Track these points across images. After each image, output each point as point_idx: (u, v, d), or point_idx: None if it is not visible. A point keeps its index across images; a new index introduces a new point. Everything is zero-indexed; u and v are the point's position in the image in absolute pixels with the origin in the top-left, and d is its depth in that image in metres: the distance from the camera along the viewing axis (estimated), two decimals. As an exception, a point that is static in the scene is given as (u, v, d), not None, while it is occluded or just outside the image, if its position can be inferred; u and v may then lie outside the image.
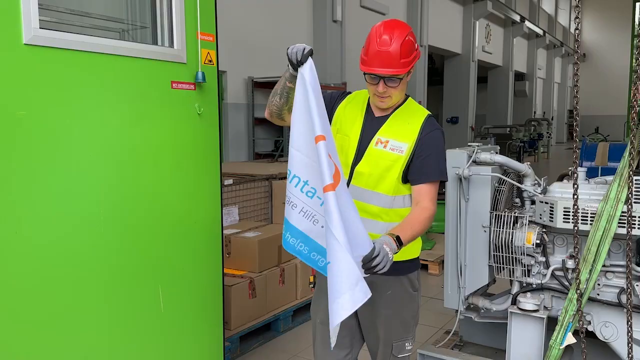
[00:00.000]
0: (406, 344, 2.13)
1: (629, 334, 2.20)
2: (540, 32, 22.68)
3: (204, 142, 2.35)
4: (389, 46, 1.90)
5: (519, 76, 23.15)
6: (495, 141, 17.42)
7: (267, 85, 8.77)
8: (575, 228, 2.14)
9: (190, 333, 2.40)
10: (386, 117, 2.07)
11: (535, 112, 23.14)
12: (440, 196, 2.30)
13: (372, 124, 2.06)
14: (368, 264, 1.68)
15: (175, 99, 2.20)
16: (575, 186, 2.14)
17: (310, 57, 1.82)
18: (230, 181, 4.50)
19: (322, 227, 1.73)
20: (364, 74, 1.97)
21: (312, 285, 2.20)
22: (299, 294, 4.15)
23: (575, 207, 2.12)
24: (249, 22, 8.67)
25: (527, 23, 20.99)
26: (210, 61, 2.30)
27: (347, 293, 1.57)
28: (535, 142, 18.55)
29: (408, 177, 2.02)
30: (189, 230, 2.33)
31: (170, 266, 2.26)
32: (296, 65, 1.82)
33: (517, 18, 20.07)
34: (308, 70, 1.80)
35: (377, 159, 2.02)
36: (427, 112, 2.10)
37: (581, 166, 4.42)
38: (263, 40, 8.94)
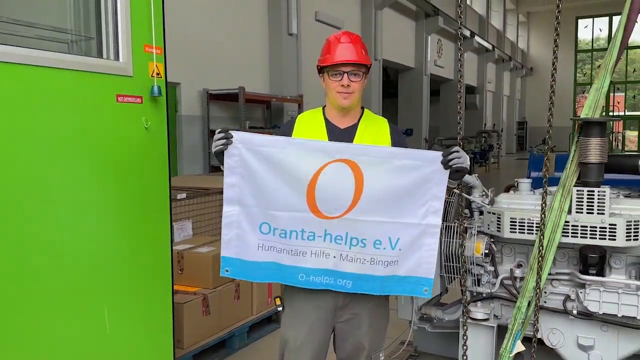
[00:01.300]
0: (380, 355, 2.19)
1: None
2: (489, 46, 23.50)
3: (152, 156, 2.30)
4: (351, 42, 2.06)
5: (470, 89, 23.87)
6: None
7: (222, 98, 8.70)
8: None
9: (139, 354, 2.32)
10: (354, 126, 2.14)
11: (485, 124, 23.87)
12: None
13: (342, 136, 2.10)
14: (445, 158, 1.92)
15: (121, 113, 2.15)
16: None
17: (231, 140, 1.92)
18: (183, 195, 4.42)
19: (334, 257, 1.99)
20: (327, 72, 2.07)
21: (280, 309, 2.18)
22: (254, 310, 4.09)
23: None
24: (204, 33, 8.60)
25: (477, 38, 21.72)
26: (158, 74, 2.26)
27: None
28: (486, 153, 19.13)
29: None
30: (136, 247, 2.27)
31: (116, 285, 2.19)
32: (222, 157, 1.94)
33: (468, 33, 20.73)
34: (243, 150, 1.94)
35: None
36: (386, 119, 2.25)
37: (529, 177, 4.59)
38: (218, 53, 8.89)
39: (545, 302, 2.64)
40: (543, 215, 2.36)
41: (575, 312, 2.53)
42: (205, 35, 8.62)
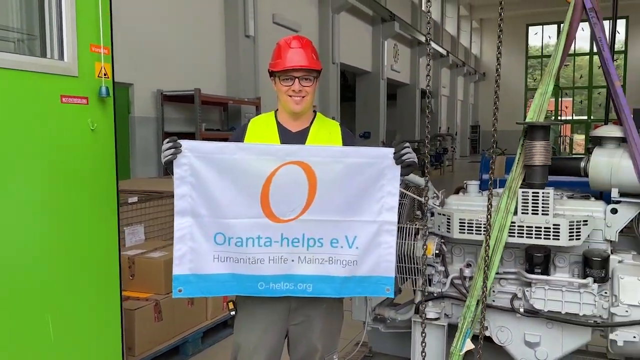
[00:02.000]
0: (334, 356, 2.19)
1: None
2: (444, 52, 24.01)
3: (99, 158, 2.23)
4: (301, 47, 2.07)
5: (425, 93, 24.33)
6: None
7: (177, 99, 8.55)
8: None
9: (86, 363, 2.25)
10: (306, 129, 2.16)
11: (440, 128, 24.37)
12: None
13: (294, 139, 2.11)
14: (398, 153, 1.96)
15: (65, 114, 2.08)
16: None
17: (180, 149, 1.90)
18: (134, 199, 4.31)
19: (293, 260, 1.99)
20: (278, 77, 2.08)
21: (233, 313, 2.15)
22: (209, 315, 4.03)
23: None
24: (159, 34, 8.43)
25: (431, 43, 22.14)
26: (105, 74, 2.20)
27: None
28: (441, 156, 19.53)
29: None
30: (82, 253, 2.19)
31: (61, 292, 2.11)
32: (172, 167, 1.92)
33: (423, 39, 21.13)
34: (192, 158, 1.91)
35: None
36: (337, 122, 2.28)
37: (481, 179, 4.71)
38: (173, 53, 8.73)
39: (493, 300, 2.71)
40: (488, 216, 2.43)
41: (522, 310, 2.61)
42: (160, 35, 8.46)
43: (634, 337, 2.41)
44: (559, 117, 26.53)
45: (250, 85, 10.37)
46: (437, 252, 2.76)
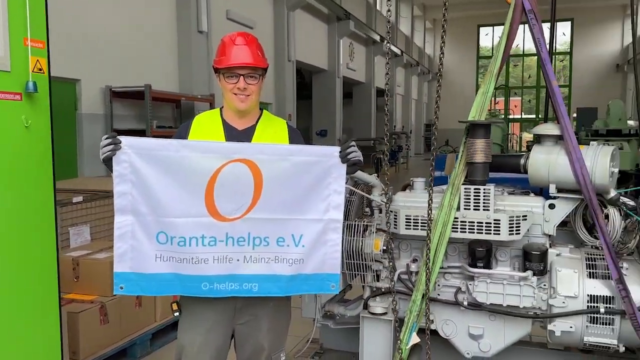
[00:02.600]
0: (281, 355, 2.18)
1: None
2: (398, 51, 24.35)
3: (34, 157, 2.14)
4: (246, 44, 2.04)
5: (381, 92, 24.62)
6: (361, 153, 18.29)
7: (127, 96, 8.33)
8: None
9: (22, 369, 2.16)
10: (252, 127, 2.13)
11: (395, 126, 24.72)
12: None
13: (240, 137, 2.08)
14: (344, 152, 1.98)
15: (-4, 110, 1.98)
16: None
17: (119, 145, 1.87)
18: (79, 198, 4.18)
19: (238, 260, 1.97)
20: (222, 74, 2.04)
21: (177, 314, 2.11)
22: (158, 316, 3.95)
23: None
24: (107, 28, 8.18)
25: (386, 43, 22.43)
26: (40, 69, 2.11)
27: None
28: (395, 153, 19.84)
29: None
30: (19, 255, 2.10)
31: (-7, 297, 2.01)
32: (111, 164, 1.88)
33: (378, 38, 21.37)
34: (133, 155, 1.87)
35: None
36: (284, 120, 2.27)
37: (432, 175, 4.79)
38: (123, 48, 8.49)
39: (438, 294, 2.77)
40: (430, 212, 2.48)
41: (465, 303, 2.68)
42: (109, 29, 8.21)
43: (571, 327, 2.52)
44: (509, 116, 27.40)
45: (204, 82, 10.22)
46: (384, 248, 2.80)
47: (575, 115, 16.94)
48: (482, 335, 2.72)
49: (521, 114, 31.70)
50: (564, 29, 31.30)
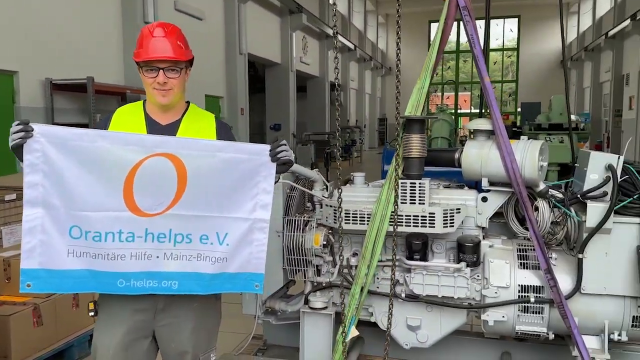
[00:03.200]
0: (211, 355, 2.12)
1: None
2: (352, 46, 24.48)
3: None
4: (165, 35, 1.96)
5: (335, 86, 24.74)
6: (315, 147, 18.40)
7: (68, 88, 8.02)
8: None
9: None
10: (177, 122, 2.06)
11: (348, 120, 24.89)
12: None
13: (163, 133, 2.00)
14: (274, 151, 1.93)
15: None
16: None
17: (31, 133, 1.77)
18: (13, 196, 3.99)
19: (158, 257, 1.91)
20: (141, 67, 1.96)
21: (93, 314, 2.03)
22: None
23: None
24: (48, 19, 7.84)
25: (339, 37, 22.50)
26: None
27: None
28: (349, 147, 19.97)
29: None
30: None
31: None
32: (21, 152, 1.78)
33: (331, 32, 21.40)
34: (46, 144, 1.79)
35: None
36: (213, 114, 2.18)
37: (383, 169, 4.84)
38: (64, 40, 8.15)
39: (377, 287, 2.81)
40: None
41: (403, 295, 2.73)
42: (49, 20, 7.87)
43: (503, 316, 2.60)
44: (458, 110, 28.08)
45: (151, 75, 9.96)
46: (324, 243, 2.81)
47: (519, 109, 17.48)
48: (420, 327, 2.77)
49: (470, 109, 32.50)
50: (511, 26, 32.29)
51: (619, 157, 2.44)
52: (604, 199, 2.42)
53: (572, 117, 10.95)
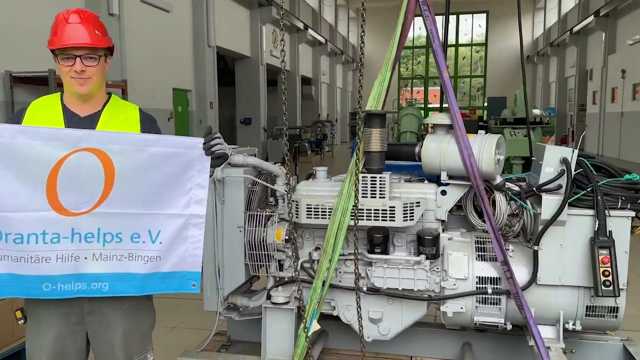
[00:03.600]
0: (148, 356, 2.07)
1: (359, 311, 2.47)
2: (322, 40, 24.44)
3: None
4: (81, 21, 1.88)
5: (306, 80, 24.65)
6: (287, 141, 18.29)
7: (30, 81, 7.81)
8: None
9: None
10: (97, 113, 1.97)
11: (320, 115, 24.88)
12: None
13: (82, 125, 1.92)
14: (208, 144, 1.87)
15: None
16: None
17: None
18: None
19: (86, 258, 1.83)
20: (57, 56, 1.88)
21: (22, 322, 1.96)
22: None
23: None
24: (8, 11, 7.60)
25: (310, 31, 22.45)
26: None
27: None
28: (320, 141, 19.99)
29: None
30: None
31: None
32: None
33: (301, 25, 21.33)
34: None
35: None
36: (137, 106, 2.11)
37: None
38: (24, 31, 7.91)
39: (340, 281, 2.82)
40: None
41: (365, 288, 2.74)
42: (8, 11, 7.63)
43: (462, 308, 2.64)
44: (428, 105, 28.39)
45: (115, 67, 9.74)
46: (286, 237, 2.80)
47: (486, 104, 17.76)
48: (381, 319, 2.79)
49: (440, 103, 32.88)
50: (480, 21, 32.73)
51: (573, 151, 2.50)
52: (558, 191, 2.47)
53: (537, 111, 11.19)
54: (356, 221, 2.51)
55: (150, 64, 11.22)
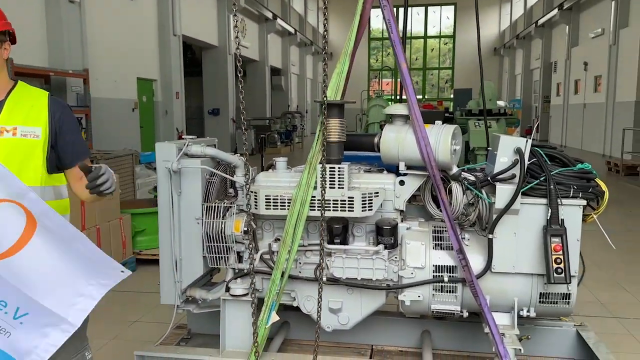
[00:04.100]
0: (86, 354, 2.03)
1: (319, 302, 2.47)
2: (292, 30, 24.29)
3: None
4: None
5: (275, 71, 24.50)
6: (255, 132, 18.20)
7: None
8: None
9: None
10: (1, 102, 1.91)
11: (289, 106, 24.78)
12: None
13: None
14: (93, 182, 1.77)
15: None
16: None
17: None
18: None
19: None
20: None
21: None
22: None
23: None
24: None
25: (279, 21, 22.27)
26: None
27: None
28: (290, 133, 19.92)
29: (62, 161, 1.99)
30: None
31: None
32: None
33: (270, 15, 21.14)
34: None
35: (10, 149, 1.86)
36: (47, 92, 2.03)
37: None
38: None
39: (300, 272, 2.81)
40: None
41: (324, 279, 2.74)
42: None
43: (419, 296, 2.67)
44: (398, 97, 28.53)
45: (77, 56, 9.49)
46: (245, 229, 2.77)
47: (452, 96, 18.02)
48: (341, 309, 2.80)
49: (400, 94, 33.11)
50: (448, 13, 33.05)
51: (526, 141, 2.54)
52: (512, 181, 2.51)
53: (502, 103, 11.38)
54: (322, 212, 2.48)
55: (114, 53, 10.96)
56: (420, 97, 32.79)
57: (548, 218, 2.50)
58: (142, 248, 5.42)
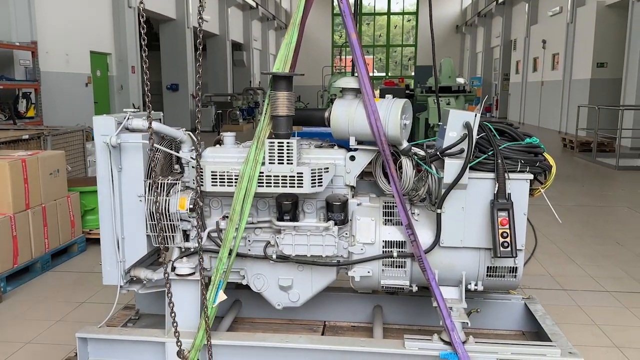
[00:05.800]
0: None
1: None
2: (253, 4, 23.76)
3: None
4: None
5: (237, 46, 24.00)
6: (216, 108, 17.86)
7: None
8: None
9: None
10: None
11: (251, 82, 24.37)
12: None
13: None
14: None
15: None
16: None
17: None
18: None
19: None
20: None
21: None
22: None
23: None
24: None
25: (241, -6, 21.73)
26: None
27: None
28: (252, 109, 19.64)
29: None
30: None
31: None
32: None
33: (231, -12, 20.60)
34: None
35: None
36: None
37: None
38: None
39: (249, 250, 2.74)
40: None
41: (274, 256, 2.69)
42: None
43: (369, 272, 2.65)
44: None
45: (24, 27, 9.02)
46: (191, 206, 2.68)
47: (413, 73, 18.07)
48: (292, 286, 2.76)
49: (373, 72, 33.10)
50: (411, -10, 32.93)
51: (475, 115, 2.52)
52: (460, 155, 2.50)
53: (461, 80, 11.46)
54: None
55: (65, 25, 10.48)
56: (383, 74, 32.81)
57: (495, 192, 2.50)
58: (92, 227, 5.24)
